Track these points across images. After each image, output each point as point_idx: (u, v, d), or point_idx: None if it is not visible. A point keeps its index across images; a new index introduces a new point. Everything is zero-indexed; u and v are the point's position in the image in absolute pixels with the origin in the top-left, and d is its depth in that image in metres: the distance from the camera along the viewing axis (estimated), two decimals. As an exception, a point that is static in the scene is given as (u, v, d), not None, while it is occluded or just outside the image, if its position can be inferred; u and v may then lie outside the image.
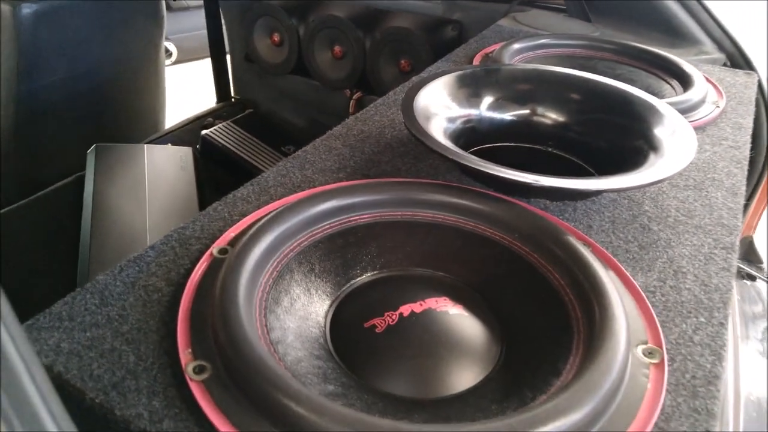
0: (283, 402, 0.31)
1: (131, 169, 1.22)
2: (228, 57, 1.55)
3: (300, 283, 0.41)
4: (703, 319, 0.38)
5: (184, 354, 0.35)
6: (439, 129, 0.56)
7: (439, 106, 0.58)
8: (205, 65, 1.61)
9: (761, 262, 0.88)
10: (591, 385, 0.30)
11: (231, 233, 0.45)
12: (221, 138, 1.33)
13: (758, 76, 0.76)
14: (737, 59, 0.82)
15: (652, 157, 0.49)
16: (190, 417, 0.32)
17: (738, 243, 0.45)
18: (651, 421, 0.31)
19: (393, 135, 0.60)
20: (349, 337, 0.40)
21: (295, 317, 0.40)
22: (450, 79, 0.61)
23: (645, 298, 0.39)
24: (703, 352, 0.36)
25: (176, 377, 0.34)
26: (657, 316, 0.38)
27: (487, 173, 0.46)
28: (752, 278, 0.86)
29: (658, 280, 0.42)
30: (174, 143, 1.31)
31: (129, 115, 1.49)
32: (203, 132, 1.35)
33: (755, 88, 0.72)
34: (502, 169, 0.46)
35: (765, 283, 0.86)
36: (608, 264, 0.42)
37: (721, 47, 0.83)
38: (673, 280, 0.42)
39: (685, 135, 0.50)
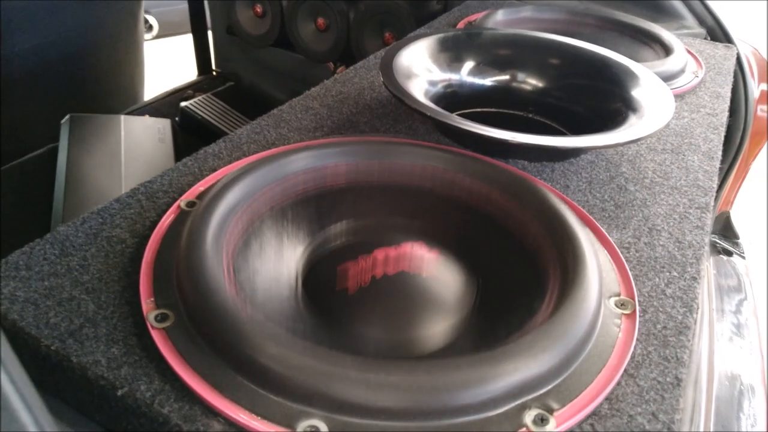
0: (246, 349, 0.30)
1: (107, 141, 1.19)
2: (210, 29, 1.51)
3: (271, 231, 0.41)
4: (675, 274, 0.38)
5: (146, 303, 0.34)
6: (419, 91, 0.54)
7: (421, 68, 0.57)
8: (188, 40, 1.57)
9: (737, 238, 0.88)
10: (561, 330, 0.30)
11: (200, 187, 0.44)
12: (201, 110, 1.31)
13: (737, 49, 0.76)
14: (717, 34, 0.82)
15: (630, 119, 0.49)
16: (150, 364, 0.31)
17: (713, 203, 0.45)
18: (621, 368, 0.31)
19: (372, 97, 0.59)
20: (322, 282, 0.39)
21: (266, 264, 0.39)
22: (431, 41, 0.60)
23: (619, 252, 0.39)
24: (675, 304, 0.36)
25: (137, 326, 0.33)
26: (630, 270, 0.38)
27: (465, 130, 0.45)
28: (728, 254, 0.87)
29: (633, 237, 0.41)
30: (152, 115, 1.28)
31: (106, 87, 1.45)
32: (182, 104, 1.32)
33: (734, 60, 0.72)
34: (480, 126, 0.45)
35: (741, 259, 0.87)
36: (584, 220, 0.41)
37: (701, 22, 0.83)
38: (648, 237, 0.41)
39: (663, 97, 0.50)
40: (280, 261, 0.41)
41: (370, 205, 0.45)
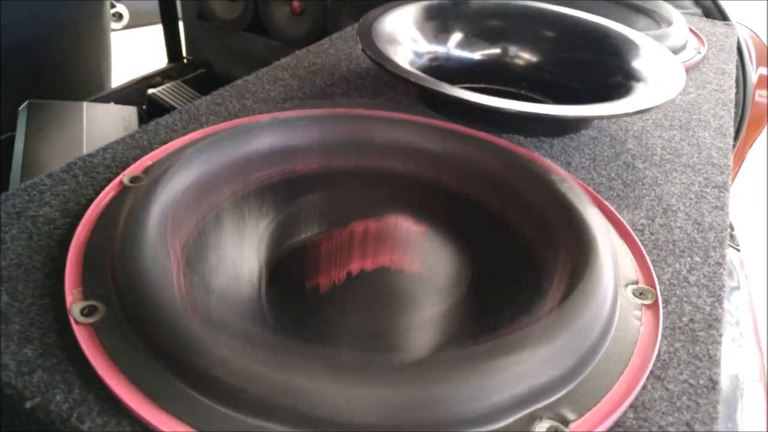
0: (190, 350, 0.24)
1: (68, 129, 1.11)
2: (180, 15, 1.44)
3: (232, 211, 0.35)
4: (698, 259, 0.33)
5: (72, 293, 0.28)
6: (403, 60, 0.49)
7: (405, 36, 0.52)
8: (159, 30, 1.50)
9: (732, 230, 0.85)
10: (574, 323, 0.25)
11: (147, 161, 0.38)
12: (169, 97, 1.24)
13: (736, 29, 0.72)
14: (714, 14, 0.78)
15: (637, 89, 0.44)
16: (71, 368, 0.25)
17: (730, 182, 0.40)
18: (646, 369, 0.26)
19: (350, 68, 0.53)
20: (288, 263, 0.33)
21: (225, 249, 0.33)
22: (416, 8, 0.54)
23: (633, 235, 0.34)
24: (701, 293, 0.31)
25: (60, 321, 0.27)
26: (647, 255, 0.33)
27: (454, 96, 0.39)
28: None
29: (647, 218, 0.36)
30: (118, 103, 1.21)
31: (70, 74, 1.37)
32: (150, 91, 1.25)
33: (735, 38, 0.69)
34: (472, 94, 0.40)
35: (736, 251, 0.83)
36: (591, 199, 0.36)
37: (697, 1, 0.79)
38: (663, 218, 0.36)
39: (672, 66, 0.45)
40: (242, 246, 0.35)
41: (348, 188, 0.40)
